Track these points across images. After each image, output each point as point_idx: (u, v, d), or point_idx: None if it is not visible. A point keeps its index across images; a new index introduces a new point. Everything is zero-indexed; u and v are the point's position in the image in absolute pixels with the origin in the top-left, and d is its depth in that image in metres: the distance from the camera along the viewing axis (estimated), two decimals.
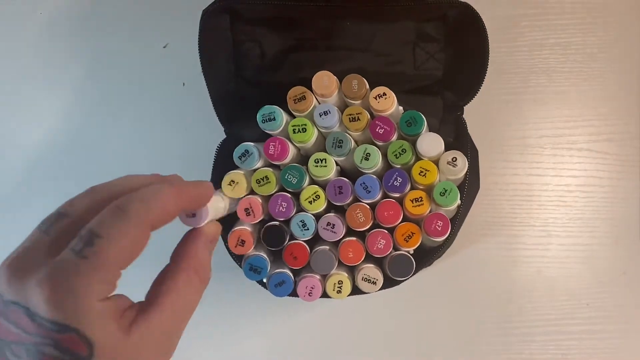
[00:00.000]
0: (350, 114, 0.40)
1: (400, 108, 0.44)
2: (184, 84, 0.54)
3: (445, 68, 0.47)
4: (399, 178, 0.39)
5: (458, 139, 0.45)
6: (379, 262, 0.43)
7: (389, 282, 0.42)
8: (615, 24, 0.54)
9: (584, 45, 0.54)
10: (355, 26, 0.46)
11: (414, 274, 0.41)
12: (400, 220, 0.40)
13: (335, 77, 0.41)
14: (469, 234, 0.51)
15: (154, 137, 0.55)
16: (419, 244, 0.40)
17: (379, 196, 0.40)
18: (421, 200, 0.39)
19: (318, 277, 0.42)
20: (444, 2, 0.43)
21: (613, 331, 0.51)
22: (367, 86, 0.42)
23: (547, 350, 0.51)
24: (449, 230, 0.39)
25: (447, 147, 0.40)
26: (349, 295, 0.41)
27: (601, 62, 0.53)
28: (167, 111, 0.55)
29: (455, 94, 0.46)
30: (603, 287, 0.52)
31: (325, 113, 0.40)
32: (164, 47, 0.55)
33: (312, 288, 0.41)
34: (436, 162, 0.40)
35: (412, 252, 0.42)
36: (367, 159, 0.39)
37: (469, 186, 0.42)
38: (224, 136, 0.46)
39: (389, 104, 0.40)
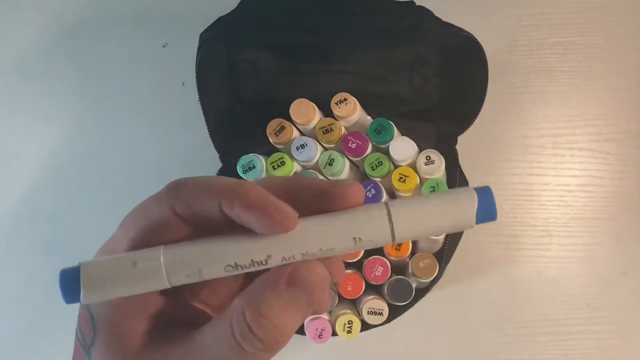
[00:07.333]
0: (323, 127, 0.41)
1: (369, 117, 0.44)
2: (183, 83, 0.54)
3: (441, 93, 0.47)
4: (372, 190, 0.40)
5: (448, 169, 0.44)
6: (379, 293, 0.43)
7: (394, 312, 0.42)
8: (616, 24, 0.53)
9: (584, 45, 0.53)
10: (353, 50, 0.46)
11: (413, 300, 0.41)
12: None
13: (313, 103, 0.41)
14: (469, 233, 0.51)
15: (154, 136, 0.54)
16: (410, 250, 0.41)
17: None
18: None
19: (326, 317, 0.41)
20: (449, 33, 0.43)
21: (613, 331, 0.51)
22: (358, 104, 0.42)
23: (547, 350, 0.51)
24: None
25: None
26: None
27: (602, 61, 0.53)
28: (166, 111, 0.55)
29: (451, 123, 0.46)
30: (603, 287, 0.52)
31: (302, 146, 0.40)
32: (163, 46, 0.55)
33: (323, 330, 0.40)
34: (414, 167, 0.40)
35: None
36: (330, 164, 0.40)
37: None
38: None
39: (349, 109, 0.40)
